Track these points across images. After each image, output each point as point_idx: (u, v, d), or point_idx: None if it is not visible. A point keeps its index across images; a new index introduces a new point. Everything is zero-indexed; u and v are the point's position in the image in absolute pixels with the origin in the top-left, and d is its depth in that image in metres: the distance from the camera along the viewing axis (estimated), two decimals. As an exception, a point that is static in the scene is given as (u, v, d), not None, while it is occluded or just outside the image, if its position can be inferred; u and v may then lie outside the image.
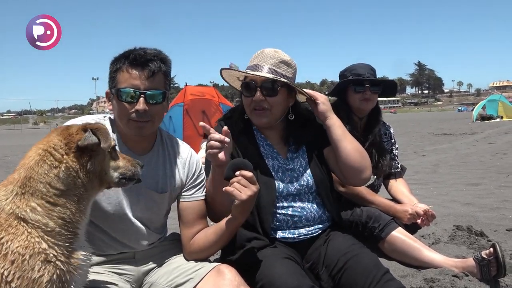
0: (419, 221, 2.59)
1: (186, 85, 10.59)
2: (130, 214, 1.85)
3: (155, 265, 1.93)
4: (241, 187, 1.63)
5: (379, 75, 2.92)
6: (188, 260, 1.89)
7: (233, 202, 1.69)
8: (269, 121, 2.04)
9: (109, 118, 1.91)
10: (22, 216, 1.28)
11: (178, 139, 2.08)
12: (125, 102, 1.73)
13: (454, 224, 3.28)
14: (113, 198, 1.81)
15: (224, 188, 1.65)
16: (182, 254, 1.93)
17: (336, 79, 2.98)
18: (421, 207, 2.61)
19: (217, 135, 1.71)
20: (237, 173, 1.66)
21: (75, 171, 1.35)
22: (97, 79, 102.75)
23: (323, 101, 2.05)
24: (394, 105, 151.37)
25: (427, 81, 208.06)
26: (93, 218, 1.82)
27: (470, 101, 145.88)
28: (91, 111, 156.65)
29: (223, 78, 2.24)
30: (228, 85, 2.26)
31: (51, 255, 1.28)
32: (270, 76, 1.95)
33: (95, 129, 1.37)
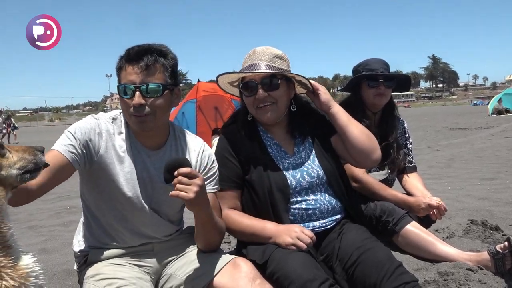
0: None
1: (199, 81, 10.66)
2: (147, 207, 1.90)
3: (173, 257, 1.98)
4: (185, 187, 1.58)
5: (392, 69, 2.93)
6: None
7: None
8: (276, 116, 2.08)
9: (125, 114, 1.96)
10: None
11: (191, 133, 2.11)
12: (125, 98, 1.78)
13: (468, 219, 3.27)
14: (131, 193, 1.86)
15: (169, 194, 1.59)
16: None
17: (349, 73, 3.01)
18: (434, 200, 2.62)
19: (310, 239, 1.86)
20: (175, 173, 1.60)
21: None
22: (111, 76, 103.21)
23: (324, 91, 2.11)
24: (408, 100, 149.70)
25: (441, 74, 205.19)
26: (113, 212, 1.89)
27: (485, 95, 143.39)
28: (105, 108, 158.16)
29: (219, 86, 2.30)
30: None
31: None
32: (270, 71, 2.00)
33: None
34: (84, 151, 1.77)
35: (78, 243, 2.01)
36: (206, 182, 1.91)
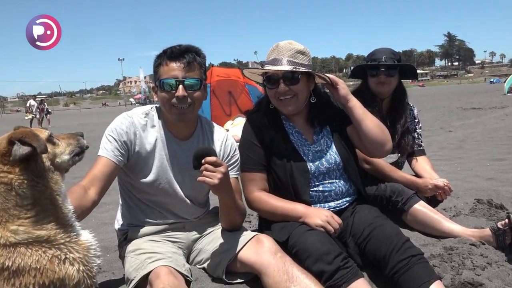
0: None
1: (212, 66, 10.80)
2: (179, 192, 2.13)
3: (201, 234, 2.21)
4: (210, 174, 1.79)
5: (406, 48, 3.07)
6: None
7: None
8: (296, 108, 2.23)
9: (156, 108, 2.17)
10: (11, 242, 1.28)
11: (215, 124, 2.33)
12: (167, 91, 1.98)
13: (475, 198, 3.38)
14: (163, 179, 2.09)
15: (197, 179, 1.80)
16: None
17: (362, 53, 3.18)
18: (441, 181, 2.79)
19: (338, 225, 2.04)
20: (203, 161, 1.80)
21: (29, 180, 1.31)
22: (123, 59, 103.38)
23: (343, 86, 2.24)
24: (422, 79, 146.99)
25: (457, 52, 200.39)
26: (148, 196, 2.11)
27: (503, 72, 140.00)
28: (118, 91, 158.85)
29: (244, 75, 2.48)
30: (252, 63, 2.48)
31: (62, 254, 1.34)
32: (290, 68, 2.13)
33: (22, 138, 1.28)
34: (124, 152, 2.01)
35: (118, 222, 2.25)
36: (229, 169, 2.10)
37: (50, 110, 26.43)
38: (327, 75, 2.26)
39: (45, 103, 25.28)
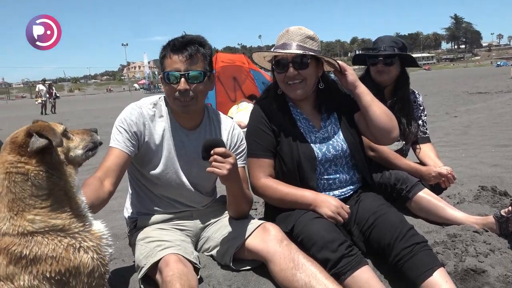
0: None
1: (217, 52, 10.75)
2: (186, 181, 2.16)
3: (209, 222, 2.25)
4: (219, 164, 1.82)
5: (411, 30, 3.09)
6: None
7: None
8: (304, 92, 2.24)
9: (164, 98, 2.18)
10: (28, 231, 1.32)
11: (222, 113, 2.35)
12: (170, 84, 2.00)
13: (479, 185, 3.38)
14: (171, 169, 2.13)
15: (206, 170, 1.85)
16: None
17: (367, 36, 3.21)
18: (444, 169, 2.82)
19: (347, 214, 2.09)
20: (212, 152, 1.83)
21: (45, 171, 1.35)
22: (127, 45, 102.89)
23: (351, 72, 2.24)
24: (428, 62, 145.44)
25: (464, 35, 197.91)
26: (156, 185, 2.15)
27: (510, 55, 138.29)
28: (122, 77, 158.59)
29: (253, 61, 2.48)
30: (256, 48, 2.47)
31: (77, 243, 1.38)
32: (300, 52, 2.14)
33: (39, 130, 1.34)
34: (135, 142, 2.05)
35: (127, 210, 2.30)
36: (236, 158, 2.14)
37: (58, 95, 26.47)
38: (337, 61, 2.26)
39: (53, 88, 25.34)
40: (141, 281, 1.91)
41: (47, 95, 23.07)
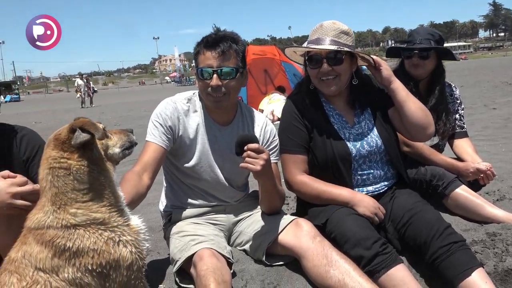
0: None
1: (248, 44, 10.76)
2: (220, 175, 2.19)
3: (242, 217, 2.27)
4: (253, 160, 1.84)
5: (447, 19, 2.99)
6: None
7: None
8: (337, 88, 2.21)
9: (198, 93, 2.22)
10: (71, 224, 1.37)
11: (255, 110, 2.36)
12: (203, 80, 2.04)
13: (521, 181, 3.30)
14: (205, 163, 2.16)
15: (240, 165, 1.86)
16: None
17: (400, 25, 3.12)
18: (483, 165, 2.72)
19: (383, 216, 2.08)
20: (245, 148, 1.84)
21: (86, 166, 1.41)
22: (158, 38, 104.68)
23: (386, 67, 2.20)
24: (465, 51, 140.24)
25: (503, 22, 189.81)
26: (190, 179, 2.19)
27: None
28: (154, 70, 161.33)
29: (285, 55, 2.46)
30: (286, 39, 2.44)
31: (116, 237, 1.43)
32: (334, 47, 2.11)
33: (82, 126, 1.39)
34: (170, 136, 2.09)
35: (162, 203, 2.36)
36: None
37: (96, 89, 27.17)
38: (372, 56, 2.23)
39: (91, 82, 26.05)
40: (176, 274, 1.96)
41: (86, 89, 23.72)
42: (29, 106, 30.88)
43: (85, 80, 24.60)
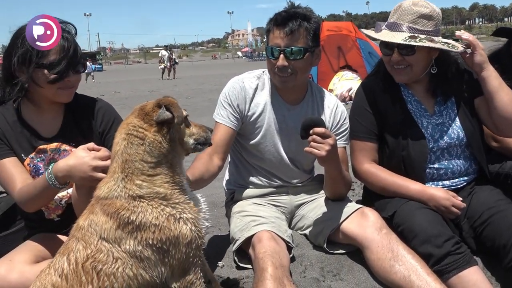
0: None
1: (323, 20, 10.46)
2: (284, 156, 2.15)
3: (305, 200, 2.23)
4: (318, 145, 1.76)
5: None
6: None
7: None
8: (409, 79, 2.05)
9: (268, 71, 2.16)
10: (137, 194, 1.41)
11: (326, 90, 2.27)
12: (271, 59, 1.99)
13: None
14: (270, 142, 2.13)
15: (304, 150, 1.80)
16: None
17: (490, 2, 2.69)
18: None
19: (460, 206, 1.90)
20: (311, 132, 1.77)
21: (159, 142, 1.43)
22: (232, 13, 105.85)
23: (481, 52, 1.95)
24: None
25: None
26: (255, 158, 2.18)
27: None
28: (227, 44, 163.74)
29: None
30: (362, 16, 2.29)
31: (177, 214, 1.44)
32: (405, 37, 1.92)
33: (168, 105, 1.45)
34: (238, 116, 2.09)
35: (226, 180, 2.38)
36: (338, 137, 2.06)
37: (177, 61, 28.04)
38: (464, 36, 1.98)
39: (173, 54, 26.89)
40: (235, 253, 1.97)
41: (169, 60, 24.53)
42: (110, 76, 32.89)
43: (169, 52, 25.45)
